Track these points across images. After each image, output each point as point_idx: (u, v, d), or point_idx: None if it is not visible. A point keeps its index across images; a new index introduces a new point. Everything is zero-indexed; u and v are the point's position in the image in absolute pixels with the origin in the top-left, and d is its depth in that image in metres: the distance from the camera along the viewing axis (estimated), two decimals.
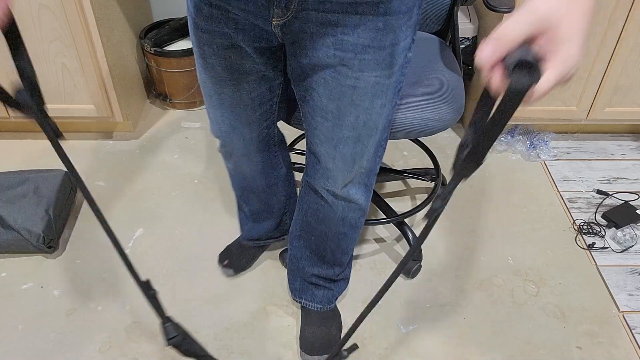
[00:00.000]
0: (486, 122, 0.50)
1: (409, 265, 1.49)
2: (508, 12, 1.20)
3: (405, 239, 1.56)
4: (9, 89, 0.60)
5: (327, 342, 1.32)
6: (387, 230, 1.66)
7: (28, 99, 0.61)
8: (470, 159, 0.56)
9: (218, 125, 1.11)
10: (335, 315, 1.38)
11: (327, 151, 1.00)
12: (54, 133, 0.70)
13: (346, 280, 1.36)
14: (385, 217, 1.57)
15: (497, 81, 0.49)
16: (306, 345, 1.32)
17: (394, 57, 0.86)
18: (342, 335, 1.35)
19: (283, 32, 0.85)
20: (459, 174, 0.61)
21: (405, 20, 0.83)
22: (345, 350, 1.10)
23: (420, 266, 1.52)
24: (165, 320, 0.97)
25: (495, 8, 1.19)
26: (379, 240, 1.63)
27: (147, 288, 0.96)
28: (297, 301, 1.37)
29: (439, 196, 0.67)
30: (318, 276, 1.29)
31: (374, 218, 1.69)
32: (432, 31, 1.43)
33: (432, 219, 0.70)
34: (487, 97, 0.49)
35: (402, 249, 1.60)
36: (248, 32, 0.88)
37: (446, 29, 1.41)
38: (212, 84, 1.00)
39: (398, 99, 0.98)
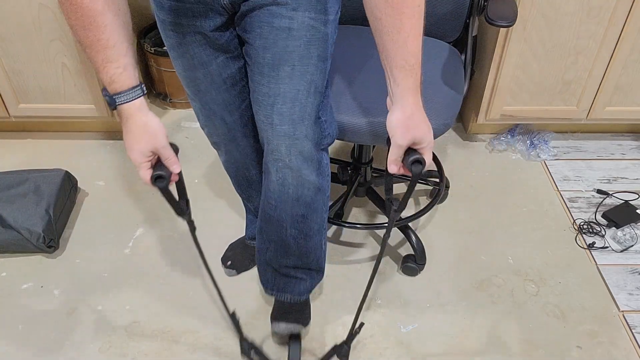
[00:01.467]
0: (403, 192, 0.97)
1: (411, 265, 1.51)
2: (507, 26, 1.23)
3: (409, 242, 1.55)
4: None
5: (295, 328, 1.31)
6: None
7: (185, 209, 0.99)
8: (399, 209, 0.99)
9: (200, 113, 1.14)
10: (307, 305, 1.35)
11: (265, 115, 0.99)
12: (193, 228, 1.02)
13: (320, 271, 1.30)
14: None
15: (402, 170, 0.93)
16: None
17: (327, 3, 0.90)
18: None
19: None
20: (392, 219, 1.00)
21: None
22: (357, 328, 1.24)
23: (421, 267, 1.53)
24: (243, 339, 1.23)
25: (494, 22, 1.22)
26: (379, 242, 1.63)
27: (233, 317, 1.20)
28: (269, 294, 1.30)
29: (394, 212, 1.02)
30: (287, 266, 1.24)
31: (377, 222, 1.69)
32: (449, 40, 1.45)
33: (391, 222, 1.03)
34: (388, 173, 0.97)
35: (403, 251, 1.60)
36: (202, 16, 0.93)
37: (462, 39, 1.43)
38: (186, 71, 1.04)
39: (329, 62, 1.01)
